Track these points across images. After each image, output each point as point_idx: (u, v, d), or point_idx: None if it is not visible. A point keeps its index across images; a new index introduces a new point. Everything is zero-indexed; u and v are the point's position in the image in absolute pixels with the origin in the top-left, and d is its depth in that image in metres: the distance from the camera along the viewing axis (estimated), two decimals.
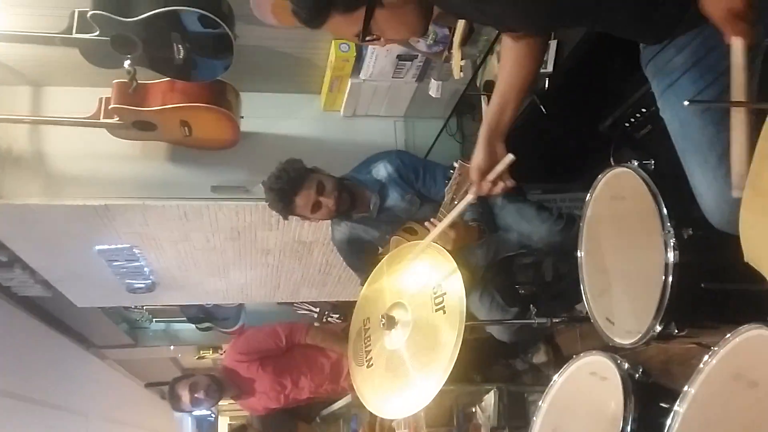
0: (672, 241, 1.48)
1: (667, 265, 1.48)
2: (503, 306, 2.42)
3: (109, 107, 2.84)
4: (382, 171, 2.45)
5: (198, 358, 7.66)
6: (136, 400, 8.71)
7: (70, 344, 5.90)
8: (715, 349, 1.14)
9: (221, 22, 2.46)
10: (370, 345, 1.94)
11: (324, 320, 5.19)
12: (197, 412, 12.57)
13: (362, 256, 2.45)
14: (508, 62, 1.56)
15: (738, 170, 1.11)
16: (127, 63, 2.59)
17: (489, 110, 1.58)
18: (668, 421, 1.16)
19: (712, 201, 1.37)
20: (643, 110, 2.10)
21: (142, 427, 9.00)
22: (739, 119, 1.13)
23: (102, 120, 2.90)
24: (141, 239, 3.49)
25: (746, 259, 1.27)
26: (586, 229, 1.82)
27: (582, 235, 1.82)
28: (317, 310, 5.31)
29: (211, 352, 7.32)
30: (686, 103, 1.05)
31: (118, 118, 2.87)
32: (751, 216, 1.26)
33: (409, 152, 2.88)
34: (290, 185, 2.39)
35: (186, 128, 2.94)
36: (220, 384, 3.43)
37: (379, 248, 2.46)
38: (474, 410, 2.79)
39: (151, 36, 2.48)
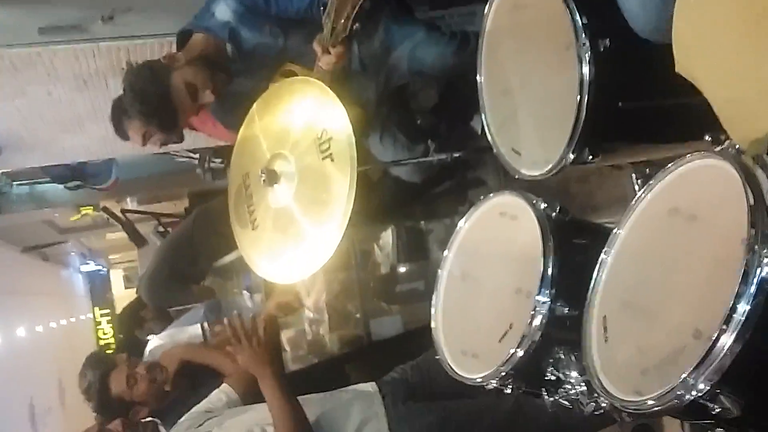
0: (587, 55, 1.27)
1: (582, 82, 1.28)
2: (407, 144, 2.20)
3: None
4: (225, 10, 2.03)
5: (79, 217, 7.17)
6: (15, 266, 8.23)
7: None
8: (651, 183, 0.99)
9: None
10: (252, 204, 1.70)
11: (206, 166, 4.86)
12: (85, 268, 12.24)
13: (240, 113, 2.11)
14: None
15: None
16: None
17: None
18: (596, 269, 1.03)
19: (637, 2, 1.16)
20: None
21: (28, 295, 8.62)
22: None
23: None
24: None
25: (678, 68, 1.10)
26: (485, 48, 1.58)
27: (481, 55, 1.59)
28: (197, 156, 4.95)
29: (92, 209, 6.84)
30: None
31: None
32: (687, 17, 1.07)
33: None
34: (162, 120, 2.02)
35: None
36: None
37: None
38: (372, 248, 2.70)
39: None
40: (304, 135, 1.62)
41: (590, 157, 1.36)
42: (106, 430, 2.03)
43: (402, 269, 2.55)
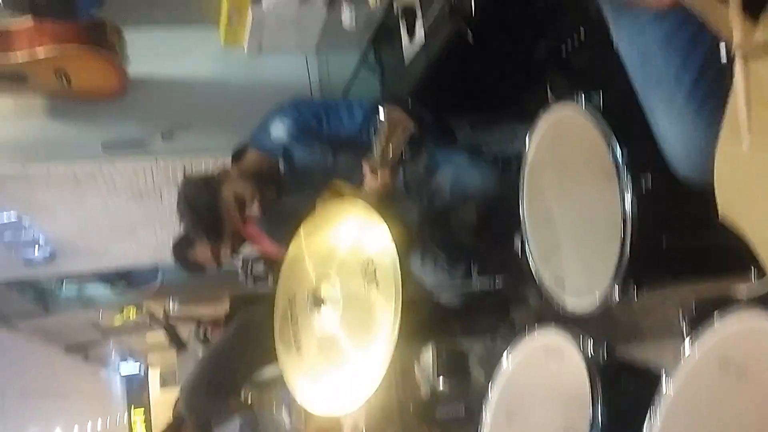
0: (629, 193, 1.29)
1: (625, 220, 1.29)
2: (448, 265, 2.22)
3: None
4: (280, 130, 2.15)
5: (122, 318, 7.27)
6: (57, 366, 8.31)
7: None
8: (700, 335, 0.97)
9: None
10: (297, 326, 1.72)
11: (249, 272, 4.97)
12: (124, 368, 12.24)
13: (288, 228, 2.18)
14: None
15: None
16: None
17: None
18: (648, 419, 0.99)
19: (679, 145, 1.18)
20: (583, 34, 1.89)
21: (66, 395, 8.64)
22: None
23: None
24: (29, 208, 3.11)
25: (721, 215, 1.11)
26: (527, 178, 1.62)
27: (522, 184, 1.62)
28: (240, 261, 5.08)
29: (135, 310, 6.95)
30: None
31: None
32: (728, 164, 1.08)
33: (304, 98, 2.56)
34: (209, 230, 2.13)
35: (63, 78, 2.55)
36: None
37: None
38: (412, 368, 2.65)
39: None
40: (350, 258, 1.65)
41: (636, 293, 1.35)
42: None
43: (442, 390, 2.48)
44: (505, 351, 1.41)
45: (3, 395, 5.94)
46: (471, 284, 1.89)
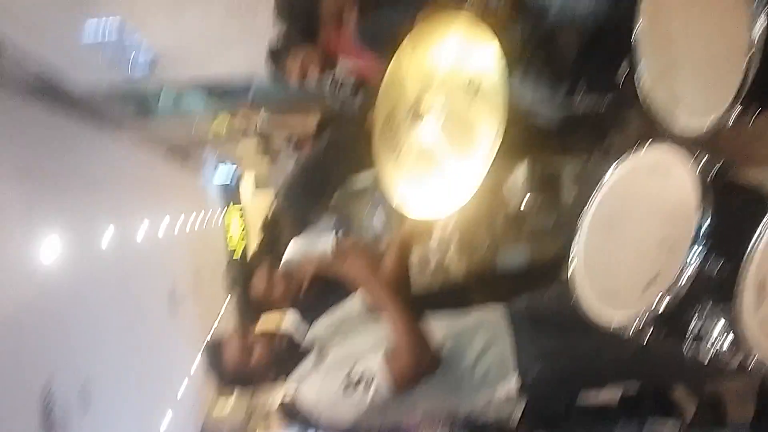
0: (761, 17, 1.20)
1: (753, 38, 1.22)
2: (551, 84, 2.16)
3: None
4: None
5: (217, 127, 7.56)
6: (158, 167, 8.87)
7: (76, 123, 5.68)
8: None
9: None
10: (398, 135, 1.77)
11: (337, 93, 5.02)
12: (222, 173, 12.90)
13: (390, 42, 2.13)
14: None
15: None
16: None
17: None
18: (757, 233, 1.01)
19: None
20: None
21: (169, 192, 9.29)
22: None
23: None
24: (132, 15, 3.18)
25: None
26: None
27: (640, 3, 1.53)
28: (329, 84, 5.12)
29: (231, 118, 7.18)
30: None
31: None
32: None
33: None
34: (303, 23, 2.16)
35: None
36: None
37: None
38: (505, 179, 2.69)
39: None
40: (455, 70, 1.64)
41: (755, 115, 1.30)
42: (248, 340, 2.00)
43: (533, 202, 2.53)
44: (613, 162, 1.42)
45: (99, 191, 6.35)
46: (573, 102, 1.85)
